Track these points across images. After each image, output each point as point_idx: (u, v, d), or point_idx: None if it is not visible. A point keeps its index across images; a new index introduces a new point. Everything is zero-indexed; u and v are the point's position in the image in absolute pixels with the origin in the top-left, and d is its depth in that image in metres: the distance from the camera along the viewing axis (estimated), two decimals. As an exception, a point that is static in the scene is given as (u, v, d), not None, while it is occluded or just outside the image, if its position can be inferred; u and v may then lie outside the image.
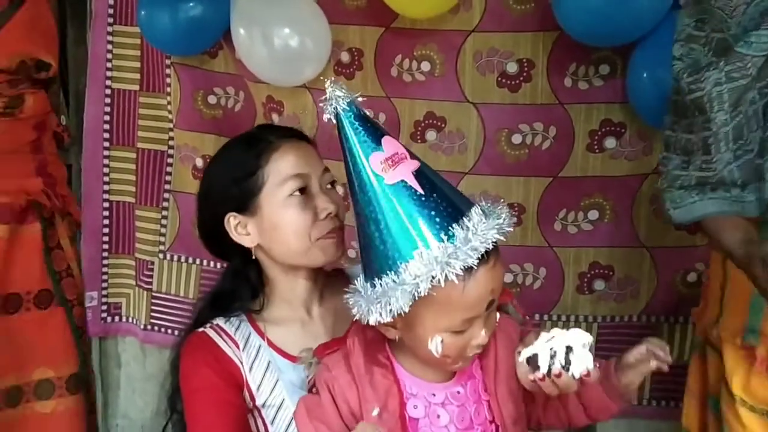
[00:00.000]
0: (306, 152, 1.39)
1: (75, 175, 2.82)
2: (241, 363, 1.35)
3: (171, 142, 2.69)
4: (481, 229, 1.03)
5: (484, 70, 2.24)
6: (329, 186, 1.39)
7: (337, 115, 1.07)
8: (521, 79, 2.22)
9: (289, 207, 1.33)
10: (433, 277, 1.01)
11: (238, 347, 1.36)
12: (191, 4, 2.35)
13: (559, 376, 1.08)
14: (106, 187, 2.78)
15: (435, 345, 1.08)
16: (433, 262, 1.01)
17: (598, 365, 1.10)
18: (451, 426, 1.14)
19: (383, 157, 1.06)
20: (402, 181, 1.05)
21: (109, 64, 2.68)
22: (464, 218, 1.03)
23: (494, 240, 1.03)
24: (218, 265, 2.64)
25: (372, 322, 1.07)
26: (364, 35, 2.32)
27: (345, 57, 2.36)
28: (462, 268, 1.01)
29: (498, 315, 1.15)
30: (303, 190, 1.34)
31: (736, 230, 1.35)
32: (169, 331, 2.75)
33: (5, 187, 1.92)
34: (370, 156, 1.06)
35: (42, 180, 1.99)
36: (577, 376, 1.08)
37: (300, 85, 2.38)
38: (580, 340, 1.09)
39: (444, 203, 1.06)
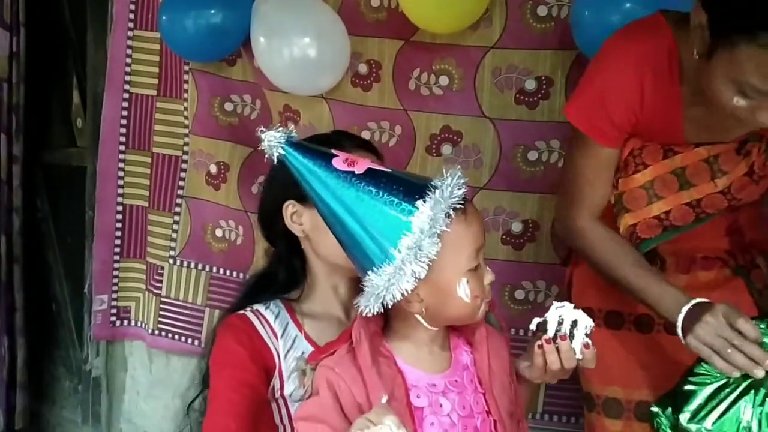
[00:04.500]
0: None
1: (89, 178, 2.84)
2: (277, 350, 1.36)
3: (186, 148, 2.70)
4: (455, 181, 1.14)
5: (503, 86, 2.24)
6: None
7: (283, 152, 1.16)
8: (539, 96, 2.22)
9: None
10: (447, 214, 1.11)
11: (275, 334, 1.38)
12: (212, 11, 2.37)
13: (564, 339, 1.19)
14: (120, 191, 2.80)
15: (463, 288, 1.16)
16: (439, 202, 1.11)
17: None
18: (453, 414, 1.18)
19: (343, 158, 1.17)
20: (369, 168, 1.16)
21: (127, 69, 2.71)
22: (434, 179, 1.15)
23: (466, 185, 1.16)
24: (228, 273, 2.68)
25: (406, 289, 1.12)
26: (383, 47, 2.33)
27: (363, 68, 2.36)
28: (460, 203, 1.13)
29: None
30: None
31: None
32: (176, 336, 2.75)
33: None
34: (332, 160, 1.16)
35: None
36: (577, 349, 1.19)
37: (317, 95, 2.39)
38: (584, 321, 1.20)
39: (411, 175, 1.21)
